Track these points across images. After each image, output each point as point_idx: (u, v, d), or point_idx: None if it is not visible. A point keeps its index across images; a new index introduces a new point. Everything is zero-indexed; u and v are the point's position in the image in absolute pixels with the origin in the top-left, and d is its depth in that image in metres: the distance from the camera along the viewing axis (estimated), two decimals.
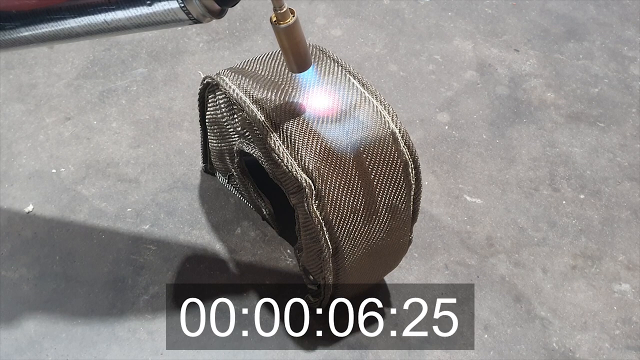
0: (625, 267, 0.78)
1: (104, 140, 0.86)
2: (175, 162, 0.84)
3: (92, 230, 0.76)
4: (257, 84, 0.62)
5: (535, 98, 0.98)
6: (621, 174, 0.89)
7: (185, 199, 0.80)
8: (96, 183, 0.81)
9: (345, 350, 0.69)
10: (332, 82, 0.61)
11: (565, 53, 1.05)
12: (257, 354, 0.68)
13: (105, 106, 0.90)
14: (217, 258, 0.75)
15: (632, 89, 1.01)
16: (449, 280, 0.75)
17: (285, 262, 0.76)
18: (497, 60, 1.03)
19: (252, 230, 0.78)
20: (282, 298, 0.72)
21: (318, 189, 0.56)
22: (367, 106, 0.59)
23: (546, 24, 1.11)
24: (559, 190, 0.86)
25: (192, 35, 1.01)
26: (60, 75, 0.93)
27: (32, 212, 0.78)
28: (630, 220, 0.83)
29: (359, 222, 0.59)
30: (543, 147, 0.91)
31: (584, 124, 0.95)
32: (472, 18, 1.10)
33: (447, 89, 0.98)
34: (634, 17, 1.13)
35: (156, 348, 0.67)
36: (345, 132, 0.58)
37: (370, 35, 1.05)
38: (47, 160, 0.83)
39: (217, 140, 0.73)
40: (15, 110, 0.88)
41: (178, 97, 0.92)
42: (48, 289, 0.71)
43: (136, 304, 0.71)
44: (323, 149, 0.57)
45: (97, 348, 0.67)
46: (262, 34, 1.03)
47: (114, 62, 0.96)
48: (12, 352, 0.66)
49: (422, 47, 1.04)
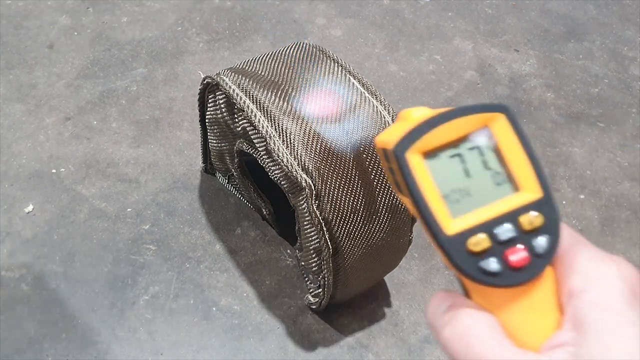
0: None
1: (104, 140, 0.86)
2: (175, 162, 0.84)
3: (92, 230, 0.76)
4: (257, 84, 0.62)
5: (535, 98, 0.98)
6: (621, 174, 0.89)
7: (185, 199, 0.80)
8: (96, 183, 0.81)
9: (345, 350, 0.69)
10: (332, 82, 0.61)
11: (565, 53, 1.05)
12: (257, 354, 0.68)
13: (105, 106, 0.90)
14: (217, 258, 0.75)
15: (632, 89, 1.01)
16: (449, 280, 0.75)
17: (285, 262, 0.76)
18: (497, 60, 1.03)
19: (252, 230, 0.78)
20: (282, 298, 0.72)
21: (318, 189, 0.56)
22: (367, 106, 0.59)
23: (546, 24, 1.11)
24: (559, 190, 0.86)
25: (192, 35, 1.01)
26: (60, 75, 0.93)
27: (32, 212, 0.78)
28: (630, 221, 0.83)
29: (359, 222, 0.59)
30: (543, 147, 0.91)
31: (584, 124, 0.95)
32: (472, 18, 1.10)
33: (447, 89, 0.98)
34: (634, 17, 1.13)
35: (156, 348, 0.67)
36: (345, 132, 0.58)
37: (370, 35, 1.05)
38: (47, 160, 0.83)
39: (217, 140, 0.73)
40: (15, 110, 0.88)
41: (178, 97, 0.92)
42: (48, 288, 0.71)
43: (136, 304, 0.71)
44: (323, 149, 0.57)
45: (97, 348, 0.67)
46: (262, 34, 1.03)
47: (114, 62, 0.96)
48: (12, 353, 0.66)
49: (422, 47, 1.04)
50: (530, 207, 0.26)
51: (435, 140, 0.27)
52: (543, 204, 0.27)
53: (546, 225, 0.26)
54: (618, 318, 0.24)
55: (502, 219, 0.26)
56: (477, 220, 0.26)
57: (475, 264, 0.26)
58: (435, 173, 0.27)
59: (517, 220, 0.26)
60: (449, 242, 0.26)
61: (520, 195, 0.27)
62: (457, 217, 0.26)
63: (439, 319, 0.27)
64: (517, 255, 0.26)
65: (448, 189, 0.27)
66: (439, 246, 0.26)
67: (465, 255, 0.26)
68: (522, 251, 0.26)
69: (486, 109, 0.27)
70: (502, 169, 0.27)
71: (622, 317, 0.24)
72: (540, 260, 0.26)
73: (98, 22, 1.02)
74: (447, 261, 0.27)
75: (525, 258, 0.26)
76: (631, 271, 0.25)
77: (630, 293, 0.25)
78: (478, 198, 0.27)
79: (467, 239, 0.26)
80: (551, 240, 0.26)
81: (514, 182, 0.27)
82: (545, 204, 0.27)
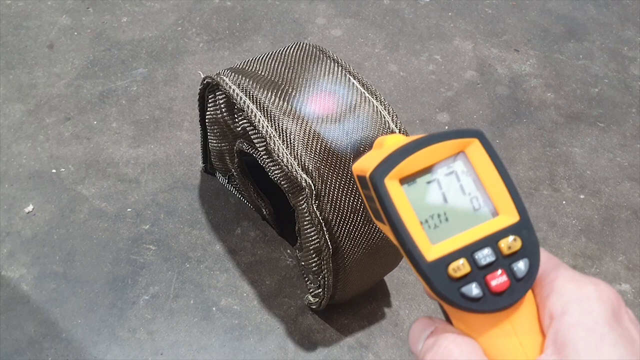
0: (625, 267, 0.78)
1: (104, 140, 0.86)
2: (175, 162, 0.84)
3: (92, 230, 0.76)
4: (257, 84, 0.62)
5: (535, 98, 0.98)
6: (621, 174, 0.89)
7: (185, 199, 0.80)
8: (96, 183, 0.81)
9: (345, 350, 0.69)
10: (332, 82, 0.61)
11: (565, 53, 1.05)
12: (257, 354, 0.68)
13: (105, 106, 0.90)
14: (217, 258, 0.75)
15: (632, 89, 1.01)
16: None
17: (285, 262, 0.76)
18: (497, 60, 1.03)
19: (252, 230, 0.78)
20: (282, 298, 0.72)
21: (318, 189, 0.56)
22: (367, 106, 0.59)
23: (546, 24, 1.11)
24: (559, 190, 0.86)
25: (192, 35, 1.01)
26: (60, 76, 0.93)
27: (32, 212, 0.78)
28: (630, 221, 0.83)
29: (359, 222, 0.59)
30: (543, 147, 0.91)
31: (584, 124, 0.95)
32: (472, 18, 1.10)
33: (447, 89, 0.98)
34: (634, 17, 1.13)
35: (156, 348, 0.67)
36: (345, 132, 0.58)
37: (370, 35, 1.05)
38: (47, 160, 0.83)
39: (217, 140, 0.73)
40: (15, 110, 0.88)
41: (178, 97, 0.92)
42: (48, 289, 0.71)
43: (136, 304, 0.71)
44: (323, 149, 0.57)
45: (97, 348, 0.67)
46: (262, 34, 1.03)
47: (114, 62, 0.96)
48: (11, 353, 0.66)
49: (422, 47, 1.04)
50: (509, 231, 0.26)
51: (412, 166, 0.27)
52: (521, 227, 0.27)
53: (525, 248, 0.26)
54: (599, 339, 0.24)
55: (481, 243, 0.26)
56: (457, 246, 0.26)
57: (456, 289, 0.26)
58: (413, 199, 0.27)
59: (497, 245, 0.26)
60: (429, 268, 0.26)
61: (498, 220, 0.27)
62: (437, 243, 0.26)
63: (421, 345, 0.27)
64: (498, 280, 0.26)
65: (426, 215, 0.27)
66: (419, 273, 0.26)
67: (446, 281, 0.26)
68: (502, 275, 0.26)
69: (460, 134, 0.27)
70: (479, 193, 0.27)
71: (603, 339, 0.24)
72: (521, 284, 0.26)
73: (98, 22, 1.02)
74: (428, 288, 0.26)
75: (506, 282, 0.26)
76: (611, 293, 0.26)
77: (610, 315, 0.25)
78: (456, 223, 0.27)
79: (448, 264, 0.26)
80: (530, 264, 0.26)
81: (491, 206, 0.27)
82: (523, 227, 0.27)
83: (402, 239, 0.26)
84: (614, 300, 0.25)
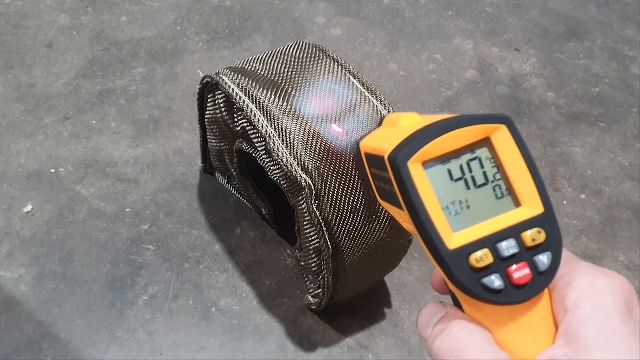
0: (626, 267, 0.78)
1: (103, 140, 0.86)
2: (175, 162, 0.84)
3: (91, 231, 0.76)
4: (257, 83, 0.61)
5: (536, 98, 0.98)
6: (622, 174, 0.88)
7: (184, 199, 0.80)
8: (95, 183, 0.81)
9: (345, 350, 0.68)
10: (332, 82, 0.61)
11: (566, 53, 1.05)
12: (256, 354, 0.68)
13: (104, 106, 0.90)
14: (217, 258, 0.75)
15: (633, 88, 1.00)
16: None
17: (285, 262, 0.75)
18: (498, 60, 1.03)
19: (252, 230, 0.78)
20: (281, 298, 0.72)
21: (318, 189, 0.56)
22: (367, 106, 0.59)
23: (547, 23, 1.10)
24: (560, 190, 0.86)
25: (191, 35, 1.01)
26: (59, 75, 0.93)
27: (31, 212, 0.77)
28: (631, 221, 0.83)
29: (359, 222, 0.59)
30: (544, 146, 0.91)
31: (585, 124, 0.95)
32: (472, 17, 1.10)
33: (448, 88, 0.97)
34: (635, 16, 1.13)
35: (155, 348, 0.67)
36: (345, 131, 0.57)
37: (370, 35, 1.05)
38: (46, 160, 0.83)
39: (217, 140, 0.72)
40: (14, 110, 0.88)
41: (177, 96, 0.92)
42: (47, 289, 0.71)
43: (135, 304, 0.70)
44: (323, 149, 0.56)
45: (97, 348, 0.67)
46: (262, 33, 1.03)
47: (113, 62, 0.96)
48: (10, 353, 0.66)
49: (422, 46, 1.04)
50: (533, 223, 0.26)
51: (436, 150, 0.26)
52: (545, 219, 0.26)
53: (548, 241, 0.26)
54: (611, 333, 0.24)
55: (504, 234, 0.26)
56: (479, 235, 0.25)
57: (477, 280, 0.25)
58: (435, 184, 0.26)
59: (520, 236, 0.26)
60: (451, 257, 0.25)
61: (521, 210, 0.26)
62: (458, 231, 0.26)
63: (431, 330, 0.27)
64: (521, 272, 0.25)
65: (448, 202, 0.26)
66: (439, 262, 0.26)
67: (467, 271, 0.25)
68: (525, 268, 0.25)
69: (488, 120, 0.27)
70: (502, 182, 0.26)
71: (614, 332, 0.24)
72: (542, 278, 0.26)
73: (97, 21, 1.02)
74: (448, 278, 0.26)
75: (528, 275, 0.25)
76: (625, 285, 0.25)
77: (623, 307, 0.25)
78: (478, 211, 0.26)
79: (470, 254, 0.25)
80: (553, 258, 0.26)
81: (515, 195, 0.26)
82: (547, 219, 0.26)
83: (423, 225, 0.25)
84: (627, 293, 0.25)
